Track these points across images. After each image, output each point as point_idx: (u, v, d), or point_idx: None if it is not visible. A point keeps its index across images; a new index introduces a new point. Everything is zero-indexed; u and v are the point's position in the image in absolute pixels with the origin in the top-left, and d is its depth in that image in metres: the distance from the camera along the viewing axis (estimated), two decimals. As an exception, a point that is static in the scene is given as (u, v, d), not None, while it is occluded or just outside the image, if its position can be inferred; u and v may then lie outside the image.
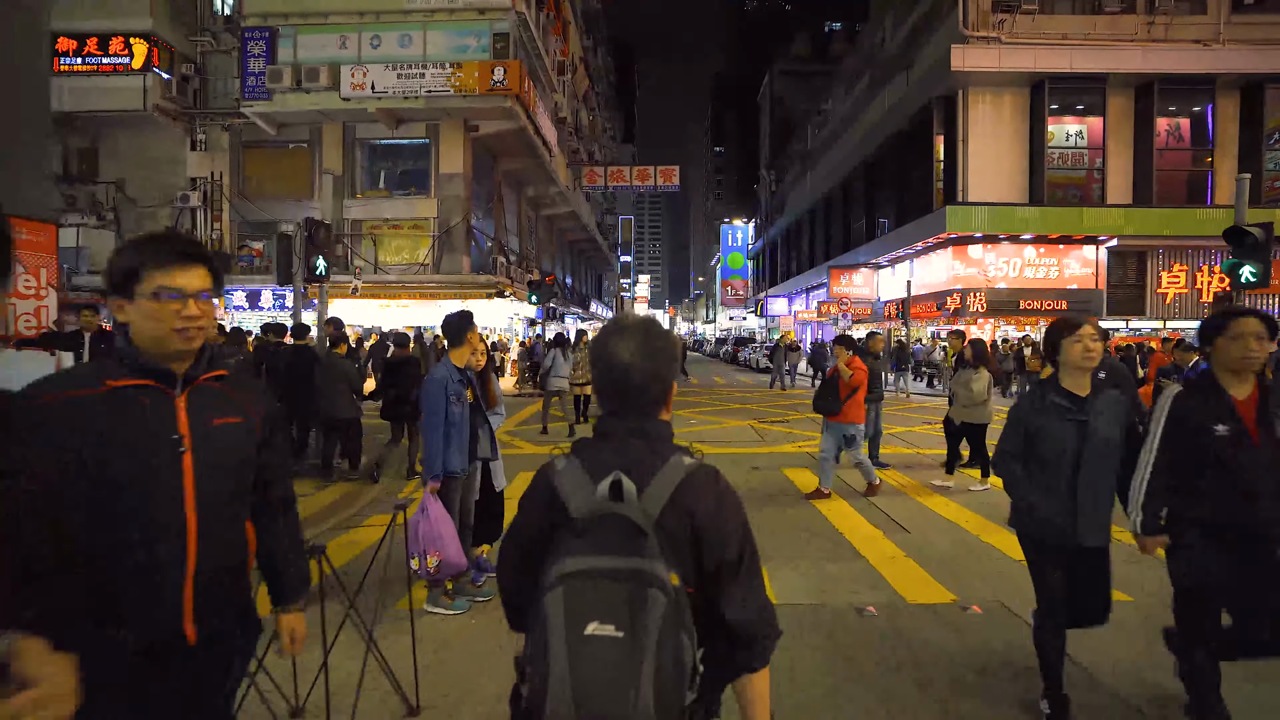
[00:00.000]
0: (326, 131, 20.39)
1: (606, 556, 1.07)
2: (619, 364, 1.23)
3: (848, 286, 28.76)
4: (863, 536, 4.81)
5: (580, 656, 1.00)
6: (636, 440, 1.22)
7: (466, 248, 20.58)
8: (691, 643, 1.07)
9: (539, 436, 9.67)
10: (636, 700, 0.98)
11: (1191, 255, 20.37)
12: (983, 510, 5.55)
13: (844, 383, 5.77)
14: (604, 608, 1.02)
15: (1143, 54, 19.75)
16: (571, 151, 33.37)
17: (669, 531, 1.12)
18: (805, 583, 3.95)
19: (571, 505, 1.14)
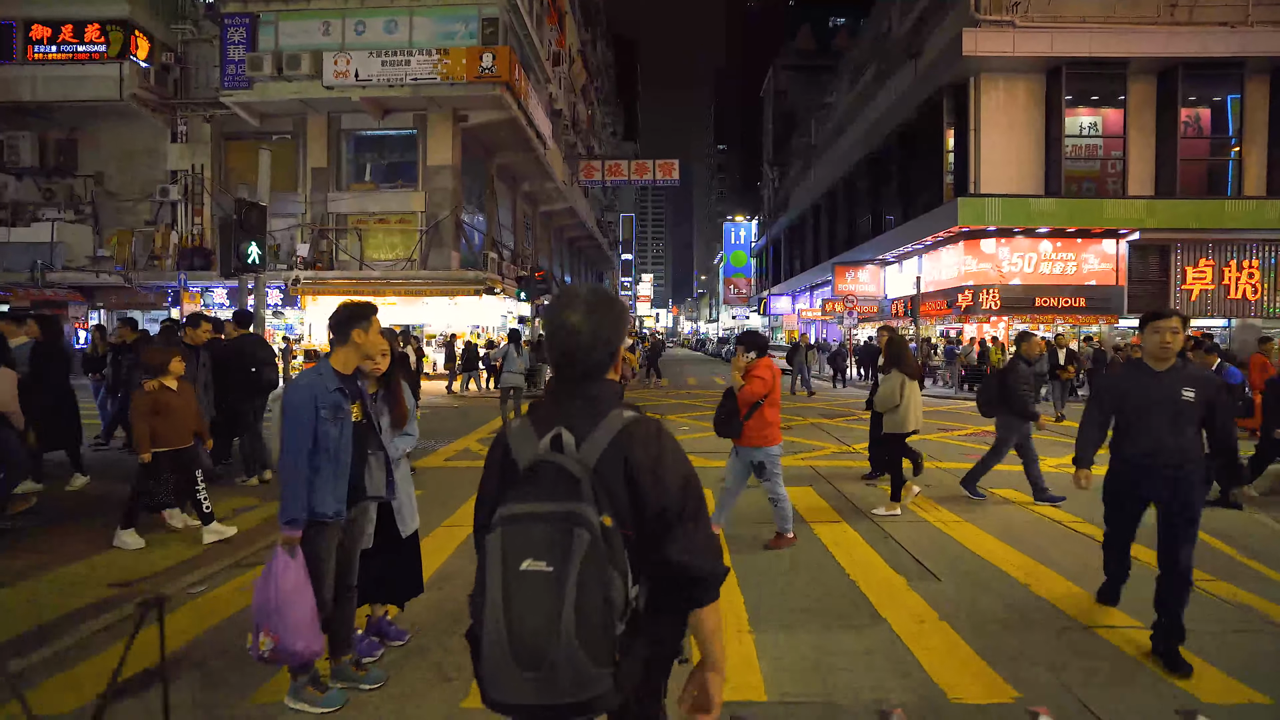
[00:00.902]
0: (311, 123, 19.59)
1: (542, 502, 1.18)
2: (568, 330, 1.34)
3: (853, 284, 27.81)
4: (880, 585, 3.81)
5: (513, 589, 1.13)
6: (580, 399, 1.35)
7: (456, 243, 19.76)
8: (624, 580, 1.18)
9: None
10: (559, 626, 1.10)
11: (1218, 249, 19.33)
12: (1023, 544, 4.52)
13: (741, 396, 4.35)
14: (536, 546, 1.14)
15: (1166, 37, 18.72)
16: (569, 146, 32.52)
17: (605, 478, 1.24)
18: (804, 663, 2.95)
19: (519, 458, 1.29)
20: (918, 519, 5.24)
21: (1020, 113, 19.59)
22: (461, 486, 6.23)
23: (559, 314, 1.36)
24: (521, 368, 9.72)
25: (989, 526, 5.01)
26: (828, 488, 6.35)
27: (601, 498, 1.20)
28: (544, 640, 1.11)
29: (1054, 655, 3.03)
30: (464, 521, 5.14)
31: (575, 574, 1.11)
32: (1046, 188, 19.33)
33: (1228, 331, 19.97)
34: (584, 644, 1.11)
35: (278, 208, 19.96)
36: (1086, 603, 3.61)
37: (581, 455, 1.24)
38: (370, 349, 2.60)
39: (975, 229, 19.22)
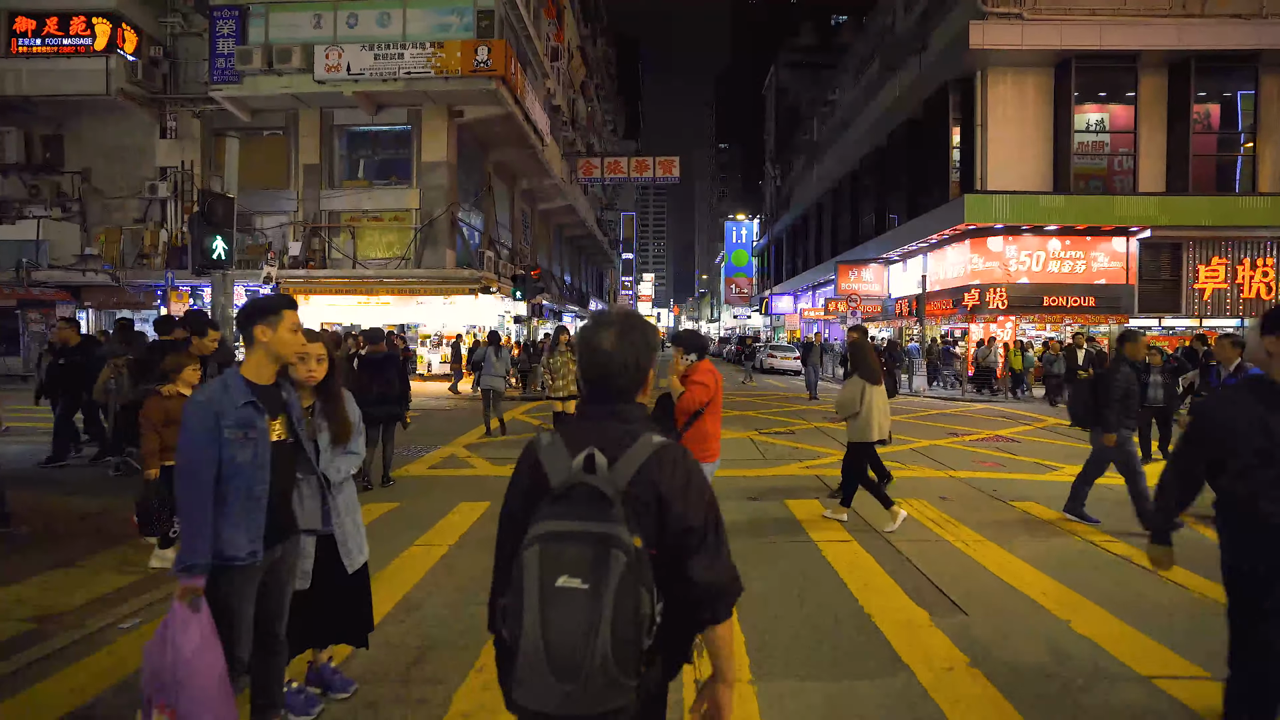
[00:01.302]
0: (303, 118, 19.17)
1: (577, 521, 1.23)
2: (601, 352, 1.41)
3: (856, 283, 27.37)
4: (899, 621, 3.30)
5: (550, 604, 1.18)
6: (612, 420, 1.41)
7: (451, 241, 19.33)
8: (650, 597, 1.23)
9: (498, 451, 8.38)
10: (595, 642, 1.15)
11: (1232, 247, 18.86)
12: (1057, 568, 4.02)
13: (679, 404, 3.65)
14: (572, 564, 1.19)
15: (1178, 29, 18.26)
16: (568, 143, 32.06)
17: (635, 500, 1.30)
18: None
19: (551, 476, 1.33)
20: (936, 538, 4.78)
21: (1028, 108, 19.13)
22: (441, 499, 5.80)
23: (593, 337, 1.42)
24: (501, 370, 9.54)
25: (1016, 547, 4.55)
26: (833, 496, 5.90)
27: (631, 519, 1.25)
28: (580, 654, 1.16)
29: (1109, 714, 2.59)
30: (439, 540, 4.71)
31: (613, 593, 1.17)
32: (1055, 185, 18.89)
33: (1241, 332, 19.48)
34: (617, 658, 1.17)
35: (269, 205, 19.63)
36: (1138, 646, 3.15)
37: (614, 477, 1.29)
38: (282, 349, 2.13)
39: (982, 226, 18.77)
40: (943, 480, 6.77)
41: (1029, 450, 8.69)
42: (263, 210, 19.72)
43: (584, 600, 1.17)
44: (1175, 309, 19.03)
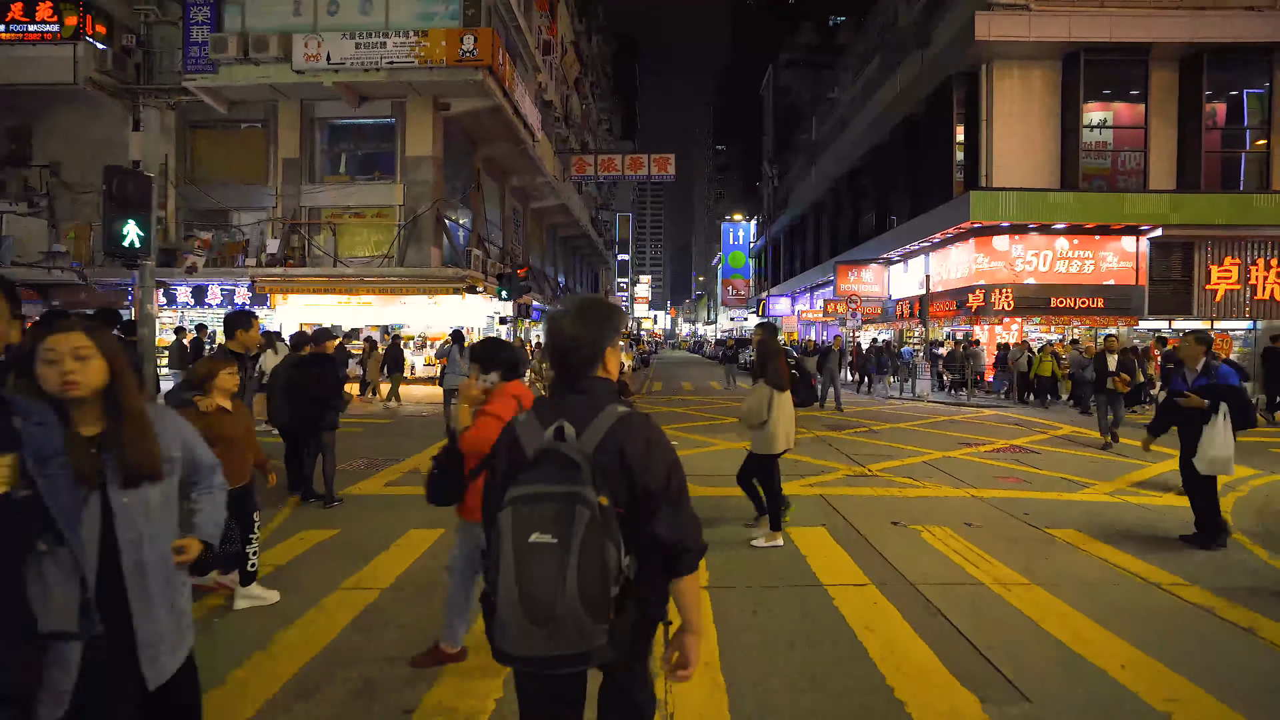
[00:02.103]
0: (282, 110, 18.40)
1: (547, 484, 1.38)
2: (561, 334, 1.59)
3: (856, 284, 26.63)
4: (943, 712, 2.53)
5: (523, 558, 1.34)
6: (578, 394, 1.57)
7: (437, 239, 18.57)
8: (617, 550, 1.38)
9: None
10: (564, 590, 1.31)
11: (1245, 247, 18.21)
12: (1124, 623, 3.24)
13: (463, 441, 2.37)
14: (543, 521, 1.35)
15: (1191, 21, 17.61)
16: (560, 140, 31.35)
17: (602, 464, 1.44)
18: None
19: (527, 448, 1.48)
20: (969, 579, 4.02)
21: (1035, 102, 18.46)
22: (390, 523, 5.03)
23: (555, 321, 1.62)
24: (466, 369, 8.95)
25: (1068, 593, 3.78)
26: (845, 528, 5.16)
27: (599, 480, 1.40)
28: (551, 600, 1.31)
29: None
30: (373, 581, 3.96)
31: (578, 544, 1.32)
32: (1062, 182, 18.21)
33: (1253, 334, 18.86)
34: (584, 603, 1.32)
35: (247, 201, 18.86)
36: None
37: (581, 444, 1.45)
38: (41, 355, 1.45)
39: (988, 224, 18.08)
40: (964, 501, 6.02)
41: (1051, 463, 7.97)
42: (241, 206, 18.96)
43: (554, 553, 1.32)
44: (1187, 310, 18.36)
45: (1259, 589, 3.90)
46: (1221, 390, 4.79)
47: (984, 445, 9.25)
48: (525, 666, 1.42)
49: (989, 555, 4.44)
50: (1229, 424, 4.72)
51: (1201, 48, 17.76)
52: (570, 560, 1.31)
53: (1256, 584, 4.00)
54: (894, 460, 8.05)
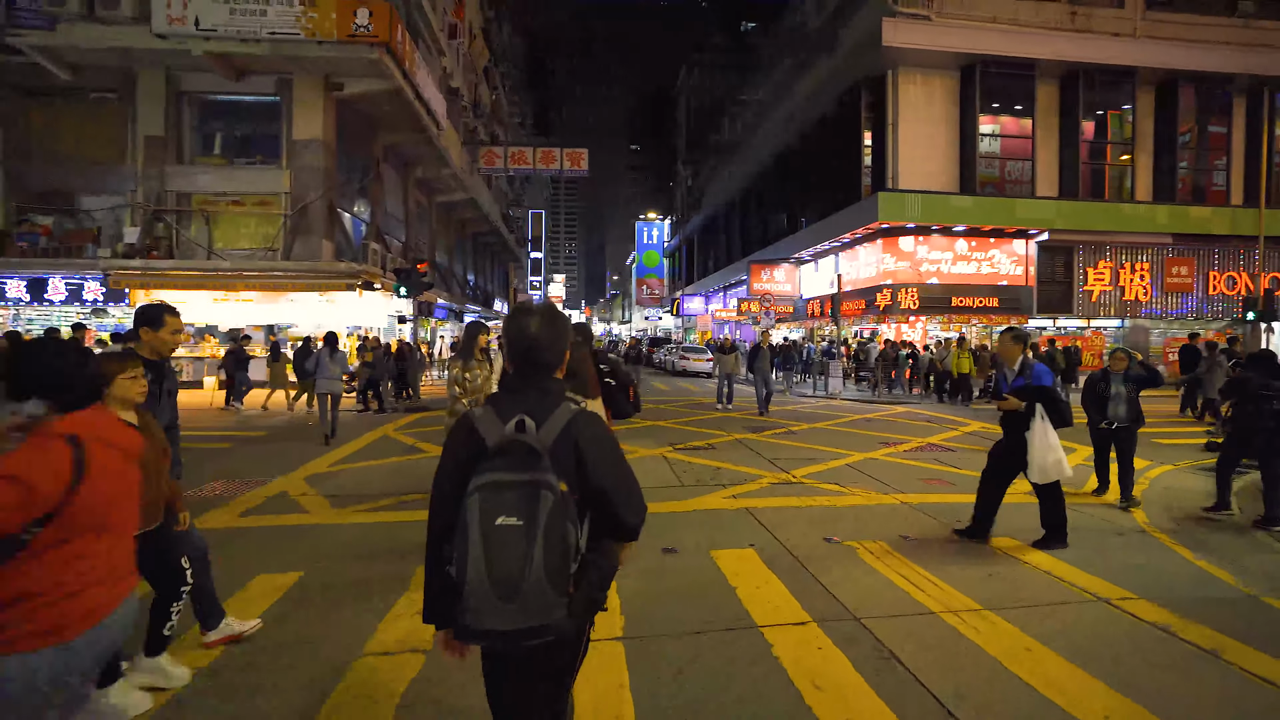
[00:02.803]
0: (143, 80, 16.19)
1: (512, 472, 1.51)
2: (529, 335, 1.71)
3: (769, 283, 27.02)
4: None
5: (491, 539, 1.46)
6: (537, 393, 1.69)
7: (329, 231, 16.95)
8: (575, 530, 1.53)
9: (346, 484, 6.69)
10: (531, 566, 1.44)
11: (1115, 252, 19.81)
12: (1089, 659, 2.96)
13: None
14: (509, 506, 1.47)
15: (1069, 41, 18.96)
16: (469, 131, 29.92)
17: (559, 454, 1.58)
18: None
19: (487, 438, 1.59)
20: (919, 609, 3.61)
21: (937, 109, 19.26)
22: (234, 567, 4.01)
23: (522, 323, 1.73)
24: (337, 372, 9.22)
25: (1022, 619, 3.46)
26: (775, 548, 4.72)
27: (557, 469, 1.53)
28: (519, 576, 1.44)
29: None
30: (185, 659, 3.07)
31: (543, 526, 1.45)
32: (961, 186, 19.11)
33: (1121, 331, 20.56)
34: (549, 578, 1.46)
35: (99, 183, 16.49)
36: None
37: (542, 436, 1.57)
38: None
39: (894, 225, 18.68)
40: (894, 508, 5.77)
41: (969, 462, 7.99)
42: (92, 189, 16.56)
43: (520, 533, 1.45)
44: (1068, 310, 19.76)
45: (1203, 599, 3.78)
46: (1034, 391, 4.58)
47: (902, 445, 9.23)
48: (492, 640, 1.49)
49: (931, 575, 4.11)
50: (1048, 425, 4.53)
51: (1078, 67, 19.14)
52: (536, 540, 1.44)
53: (1198, 592, 3.90)
54: (818, 464, 7.80)
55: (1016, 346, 4.74)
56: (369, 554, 4.46)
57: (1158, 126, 20.25)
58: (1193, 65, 19.58)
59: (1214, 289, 20.36)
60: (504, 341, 1.78)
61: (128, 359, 2.70)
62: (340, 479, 6.88)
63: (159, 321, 3.18)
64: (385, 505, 5.81)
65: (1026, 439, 4.56)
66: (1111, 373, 6.33)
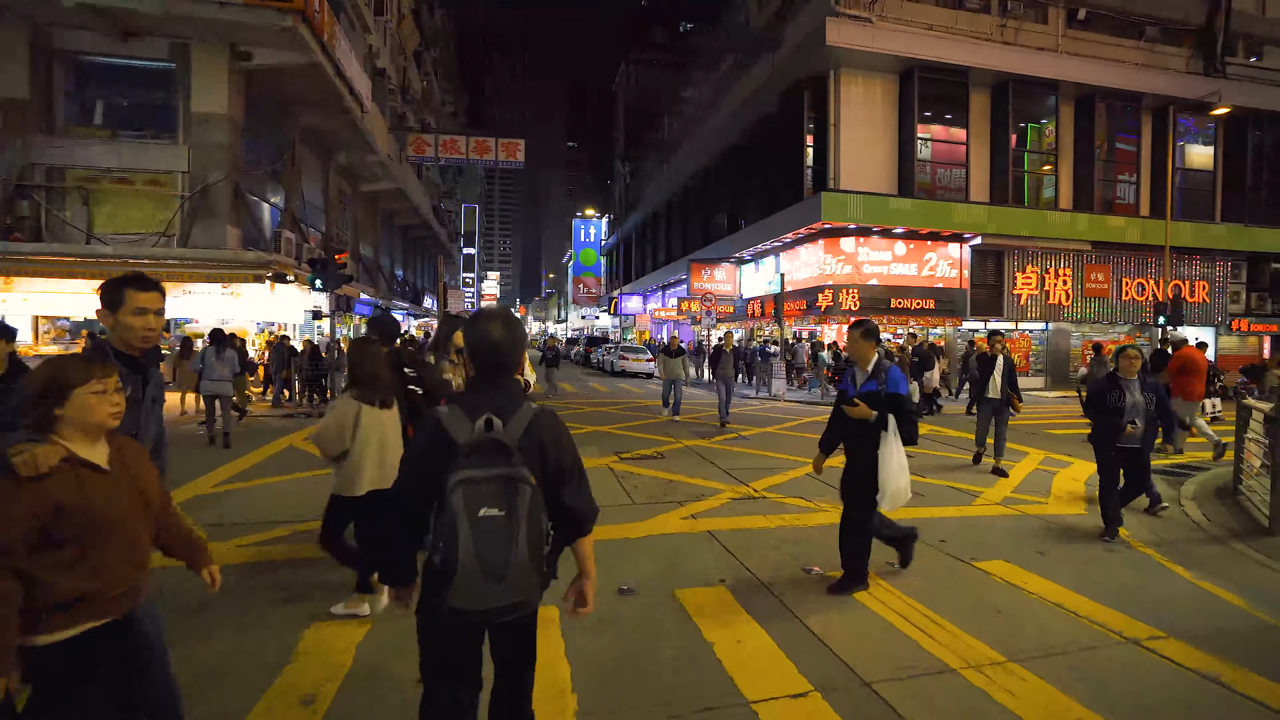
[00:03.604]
0: (1, 34, 14.02)
1: (489, 468, 1.66)
2: (491, 340, 1.86)
3: (709, 282, 26.73)
4: None
5: (477, 529, 1.62)
6: (500, 393, 1.84)
7: (235, 216, 15.28)
8: (545, 517, 1.73)
9: (239, 507, 5.65)
10: (515, 551, 1.63)
11: (1040, 257, 20.52)
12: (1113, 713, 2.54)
13: None
14: (490, 498, 1.64)
15: (1001, 52, 19.48)
16: (397, 116, 28.25)
17: (525, 450, 1.75)
18: None
19: (457, 437, 1.72)
20: (937, 666, 2.99)
21: (877, 112, 19.38)
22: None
23: (484, 327, 1.87)
24: (226, 373, 8.57)
25: (1050, 671, 2.92)
26: (752, 585, 4.07)
27: (526, 463, 1.70)
28: (505, 560, 1.62)
29: None
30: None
31: (524, 515, 1.64)
32: (900, 189, 19.29)
33: (1046, 334, 21.37)
34: (530, 560, 1.66)
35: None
36: None
37: (509, 433, 1.74)
38: None
39: (836, 226, 18.65)
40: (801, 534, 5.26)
41: (924, 466, 7.67)
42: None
43: (503, 523, 1.63)
44: (999, 313, 20.32)
45: (1227, 631, 3.40)
46: (886, 400, 3.81)
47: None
48: (481, 617, 1.68)
49: (935, 614, 3.57)
50: (899, 441, 3.81)
51: (1008, 78, 19.68)
52: (520, 528, 1.63)
53: (1219, 623, 3.53)
54: (777, 475, 7.28)
55: (868, 344, 3.97)
56: (242, 610, 3.51)
57: (1077, 139, 21.14)
58: (1107, 82, 20.53)
59: (1126, 295, 21.45)
60: (465, 345, 1.91)
61: (96, 361, 1.81)
62: (228, 503, 5.78)
63: (118, 299, 2.16)
64: (279, 536, 4.82)
65: (879, 455, 3.78)
66: (1123, 379, 5.29)
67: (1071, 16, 21.18)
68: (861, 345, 3.99)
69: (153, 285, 2.21)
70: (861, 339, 3.98)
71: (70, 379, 1.72)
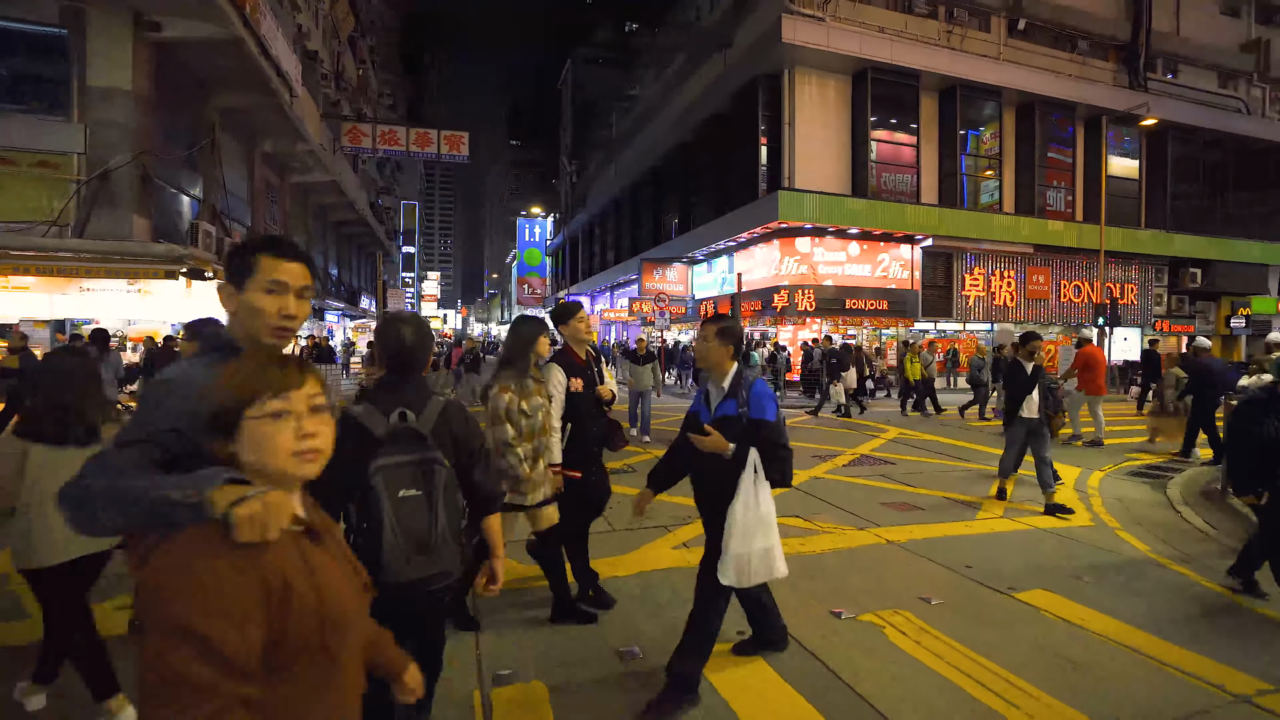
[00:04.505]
0: None
1: (406, 454, 1.84)
2: (403, 340, 2.08)
3: (661, 282, 26.21)
4: None
5: (399, 508, 1.79)
6: (410, 389, 2.05)
7: (143, 205, 13.66)
8: (459, 496, 1.96)
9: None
10: (437, 525, 1.82)
11: (986, 260, 20.94)
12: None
13: None
14: (409, 480, 1.82)
15: (949, 57, 19.75)
16: (331, 104, 26.56)
17: (438, 437, 1.95)
18: None
19: (374, 430, 1.89)
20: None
21: (831, 112, 19.30)
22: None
23: (398, 330, 2.09)
24: (107, 377, 7.42)
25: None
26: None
27: (439, 449, 1.90)
28: (427, 534, 1.81)
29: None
30: None
31: (441, 494, 1.83)
32: (854, 190, 19.27)
33: (991, 335, 21.85)
34: (450, 533, 1.85)
35: None
36: None
37: (422, 423, 1.93)
38: None
39: (793, 225, 18.44)
40: (883, 550, 4.73)
41: (916, 476, 7.30)
42: None
43: (423, 502, 1.81)
44: (948, 314, 20.60)
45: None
46: (748, 429, 2.69)
47: (837, 458, 8.42)
48: (411, 589, 1.81)
49: (991, 663, 3.03)
50: (763, 484, 2.65)
51: (955, 82, 19.98)
52: (439, 505, 1.81)
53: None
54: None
55: (725, 350, 2.79)
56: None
57: (1018, 145, 21.72)
58: (1045, 91, 21.17)
59: (1064, 297, 22.18)
60: (379, 347, 2.11)
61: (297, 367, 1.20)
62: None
63: (246, 267, 1.53)
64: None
65: (732, 506, 2.62)
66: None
67: (1012, 26, 21.77)
68: (716, 350, 2.78)
69: (298, 254, 1.56)
70: (716, 341, 2.78)
71: (252, 390, 1.11)
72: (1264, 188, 25.25)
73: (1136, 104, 21.51)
